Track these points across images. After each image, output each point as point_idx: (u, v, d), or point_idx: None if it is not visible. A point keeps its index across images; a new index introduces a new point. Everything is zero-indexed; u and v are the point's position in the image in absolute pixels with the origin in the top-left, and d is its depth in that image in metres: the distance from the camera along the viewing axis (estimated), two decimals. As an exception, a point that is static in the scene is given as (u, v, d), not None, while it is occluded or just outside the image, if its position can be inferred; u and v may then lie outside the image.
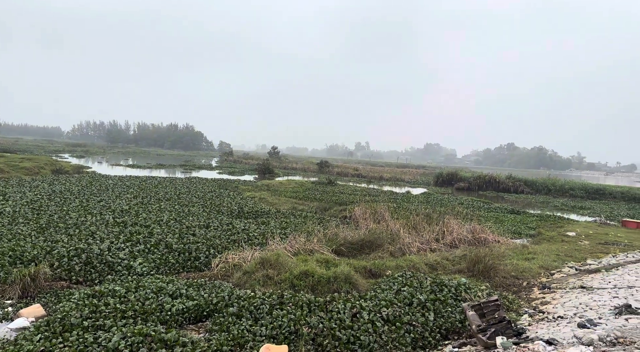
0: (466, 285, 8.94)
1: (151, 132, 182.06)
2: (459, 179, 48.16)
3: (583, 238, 16.57)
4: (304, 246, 11.34)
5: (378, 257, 11.67)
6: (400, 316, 7.26)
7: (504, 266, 11.31)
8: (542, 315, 7.53)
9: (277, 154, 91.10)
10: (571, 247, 14.50)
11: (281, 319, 6.74)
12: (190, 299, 7.60)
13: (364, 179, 53.71)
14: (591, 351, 4.14)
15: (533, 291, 9.68)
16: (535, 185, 45.45)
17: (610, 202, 38.73)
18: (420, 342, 6.91)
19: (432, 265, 11.35)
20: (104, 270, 9.31)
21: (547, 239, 16.71)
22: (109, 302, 7.03)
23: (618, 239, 16.56)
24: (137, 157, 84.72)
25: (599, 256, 13.07)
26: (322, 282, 8.80)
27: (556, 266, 11.86)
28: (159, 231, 12.64)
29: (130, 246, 10.76)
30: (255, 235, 13.17)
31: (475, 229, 14.67)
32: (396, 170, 70.59)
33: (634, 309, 6.65)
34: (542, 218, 23.20)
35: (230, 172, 50.93)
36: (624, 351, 4.60)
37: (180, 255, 10.75)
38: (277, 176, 50.34)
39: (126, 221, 13.84)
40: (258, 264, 9.48)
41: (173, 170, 51.55)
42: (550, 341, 5.61)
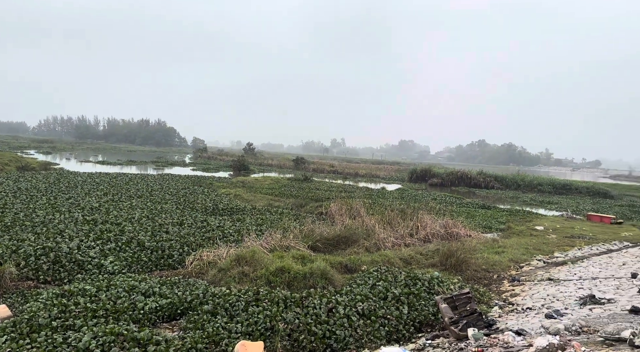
0: (439, 278, 9.12)
1: (121, 128, 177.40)
2: (433, 175, 48.98)
3: (551, 232, 17.14)
4: (280, 242, 11.33)
5: (354, 253, 11.77)
6: (375, 310, 7.35)
7: (475, 259, 11.60)
8: (511, 307, 7.77)
9: (252, 150, 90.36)
10: (539, 241, 14.98)
11: (257, 316, 6.72)
12: (164, 297, 7.48)
13: (339, 176, 53.97)
14: (557, 340, 4.30)
15: (503, 284, 9.96)
16: (505, 180, 46.67)
17: (576, 197, 40.18)
18: (395, 335, 7.03)
19: (407, 259, 11.53)
20: (74, 269, 9.06)
21: (516, 233, 17.20)
22: (79, 301, 6.85)
23: (583, 232, 17.21)
24: (107, 153, 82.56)
25: (565, 249, 13.56)
26: (299, 278, 8.82)
27: (525, 259, 12.24)
28: (130, 228, 12.38)
29: (100, 244, 10.50)
30: (231, 232, 13.06)
31: (448, 224, 14.97)
32: (371, 167, 71.19)
33: (597, 299, 6.94)
34: (511, 213, 23.87)
35: (205, 169, 50.27)
36: (587, 339, 4.80)
37: (153, 253, 10.57)
38: (253, 172, 50.00)
39: (96, 218, 13.49)
40: (233, 261, 9.41)
41: (145, 167, 50.49)
42: (519, 331, 5.79)
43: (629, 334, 4.30)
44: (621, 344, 4.24)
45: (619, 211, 27.55)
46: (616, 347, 4.15)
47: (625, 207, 30.27)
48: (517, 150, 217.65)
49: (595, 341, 4.60)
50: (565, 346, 4.26)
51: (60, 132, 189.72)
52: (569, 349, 4.18)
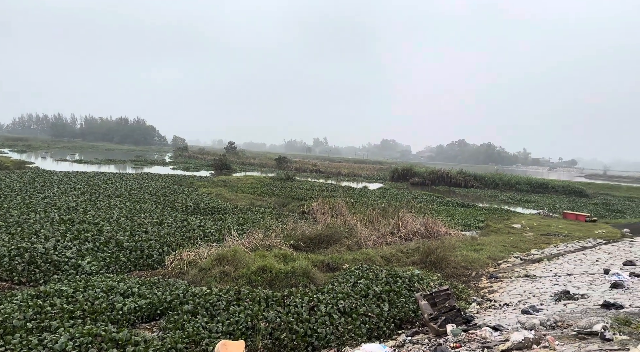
0: (419, 276, 9.24)
1: (99, 126, 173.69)
2: (414, 175, 49.47)
3: (528, 230, 17.52)
4: (262, 241, 11.30)
5: (336, 251, 11.82)
6: (357, 308, 7.40)
7: (454, 257, 11.78)
8: (489, 303, 7.93)
9: (234, 149, 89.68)
10: (517, 239, 15.30)
11: (238, 315, 6.70)
12: (143, 297, 7.39)
13: (322, 175, 54.04)
14: (532, 334, 4.41)
15: (481, 281, 10.15)
16: (484, 180, 47.46)
17: (553, 195, 41.13)
18: (376, 332, 7.10)
19: (388, 257, 11.63)
20: (50, 270, 8.85)
21: (494, 231, 17.53)
22: (55, 302, 6.71)
23: (559, 230, 17.64)
24: (85, 152, 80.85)
25: (542, 247, 13.88)
26: (280, 277, 8.81)
27: (503, 256, 12.49)
28: (108, 228, 12.17)
29: (78, 245, 10.29)
30: (212, 231, 12.96)
31: (428, 222, 15.16)
32: (354, 166, 71.47)
33: (572, 294, 7.14)
34: (490, 211, 24.30)
35: (185, 168, 49.71)
36: (561, 333, 4.93)
37: (132, 253, 10.42)
38: (235, 171, 49.67)
39: (73, 218, 13.20)
40: (214, 260, 9.35)
41: (123, 165, 49.62)
42: (496, 327, 5.92)
43: (600, 327, 4.45)
44: (593, 338, 4.38)
45: (594, 209, 28.32)
46: (588, 341, 4.28)
47: (599, 206, 31.13)
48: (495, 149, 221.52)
49: (569, 335, 4.74)
50: (540, 340, 4.38)
51: (35, 130, 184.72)
52: (544, 343, 4.29)
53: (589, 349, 3.86)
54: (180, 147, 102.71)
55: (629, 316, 4.91)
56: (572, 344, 4.29)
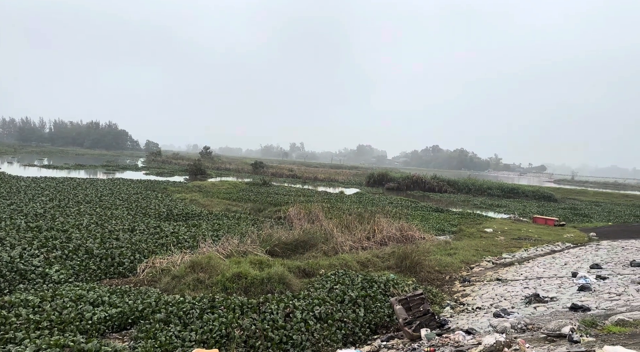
0: (394, 280, 9.31)
1: (69, 130, 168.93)
2: (389, 180, 49.96)
3: (499, 234, 17.91)
4: (237, 247, 11.17)
5: (312, 257, 11.80)
6: (332, 314, 7.40)
7: (428, 261, 11.94)
8: (462, 307, 8.05)
9: (209, 154, 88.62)
10: (489, 243, 15.62)
11: (212, 323, 6.61)
12: (114, 306, 7.20)
13: (298, 180, 53.94)
14: (504, 337, 4.50)
15: (455, 285, 10.30)
16: (457, 185, 48.34)
17: (523, 200, 42.20)
18: (351, 337, 7.11)
19: (364, 262, 11.68)
20: (15, 279, 8.51)
21: (467, 235, 17.84)
22: (20, 313, 6.46)
23: (529, 234, 18.10)
24: (54, 156, 78.39)
25: (513, 250, 14.21)
26: (256, 284, 8.73)
27: (475, 260, 12.72)
28: (78, 235, 11.81)
29: (45, 252, 9.95)
30: (186, 238, 12.74)
31: (403, 227, 15.31)
32: (330, 171, 71.69)
33: (541, 298, 7.32)
34: (463, 216, 24.75)
35: (159, 173, 48.79)
36: (532, 336, 5.05)
37: (102, 261, 10.14)
38: (210, 176, 49.07)
39: (41, 225, 12.75)
40: (188, 267, 9.19)
41: (94, 171, 48.33)
42: (469, 330, 6.02)
43: (568, 330, 4.58)
44: (561, 340, 4.50)
45: (562, 213, 29.20)
46: (557, 343, 4.39)
47: (567, 210, 32.11)
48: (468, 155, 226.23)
49: (539, 337, 4.85)
50: (511, 343, 4.47)
51: (2, 135, 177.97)
52: (515, 346, 4.38)
53: (557, 351, 3.97)
54: (153, 152, 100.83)
55: (595, 318, 5.07)
56: (541, 346, 4.39)
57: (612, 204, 41.47)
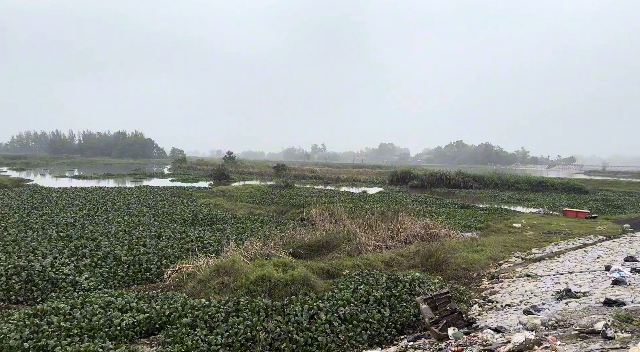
0: (420, 279, 9.16)
1: (98, 141, 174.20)
2: (413, 177, 49.44)
3: (528, 229, 17.44)
4: (261, 250, 11.22)
5: (335, 258, 11.73)
6: (357, 314, 7.33)
7: (455, 259, 11.71)
8: (491, 304, 7.85)
9: (232, 159, 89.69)
10: (517, 238, 15.22)
11: (237, 326, 6.64)
12: (141, 312, 7.32)
13: (321, 181, 53.98)
14: (533, 335, 4.35)
15: (483, 282, 10.07)
16: (483, 180, 47.38)
17: (552, 193, 41.05)
18: (377, 338, 7.02)
19: (388, 262, 11.55)
20: (47, 287, 8.78)
21: (495, 231, 17.46)
22: (52, 320, 6.64)
23: (560, 228, 17.56)
24: (83, 167, 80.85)
25: (542, 245, 13.80)
26: (280, 286, 8.74)
27: (504, 257, 12.41)
28: (106, 243, 12.10)
29: (75, 261, 10.23)
30: (210, 242, 12.89)
31: (428, 224, 15.09)
32: (352, 171, 71.41)
33: (573, 293, 7.07)
34: (490, 211, 24.22)
35: (184, 180, 49.63)
36: (563, 333, 4.87)
37: (130, 267, 10.34)
38: (234, 181, 49.63)
39: (71, 234, 13.14)
40: (213, 271, 9.28)
41: (122, 179, 49.56)
42: (498, 328, 5.86)
43: (602, 326, 4.39)
44: (594, 336, 4.32)
45: (594, 205, 28.25)
46: (590, 340, 4.22)
47: (599, 202, 31.05)
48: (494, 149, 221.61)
49: (570, 334, 4.67)
50: (541, 341, 4.32)
51: (34, 148, 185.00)
52: (545, 344, 4.23)
53: (590, 348, 3.80)
54: (178, 159, 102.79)
55: (631, 313, 4.85)
56: (573, 343, 4.22)
57: (648, 194, 39.90)
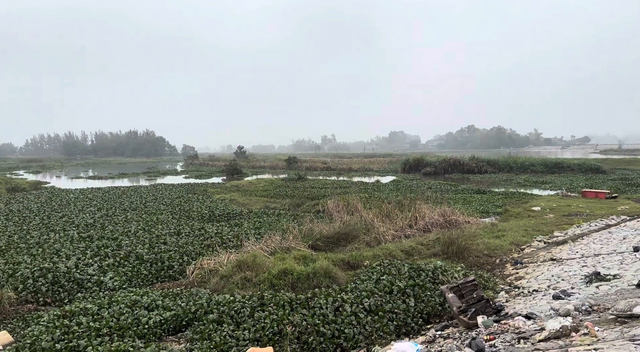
0: (442, 268, 9.07)
1: (110, 141, 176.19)
2: (425, 164, 49.01)
3: (548, 212, 17.18)
4: (280, 244, 11.23)
5: (355, 249, 11.69)
6: (382, 305, 7.29)
7: (476, 245, 11.57)
8: (517, 290, 7.74)
9: (243, 153, 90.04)
10: (538, 222, 15.00)
11: (264, 321, 6.64)
12: (167, 309, 7.38)
13: (333, 172, 53.87)
14: (570, 322, 4.25)
15: (506, 268, 9.94)
16: (498, 164, 46.80)
17: (569, 174, 40.40)
18: (404, 328, 6.98)
19: (408, 251, 11.47)
20: (73, 288, 8.91)
21: (514, 215, 17.23)
22: (81, 321, 6.72)
23: (580, 209, 17.27)
24: (97, 168, 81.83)
25: (564, 228, 13.58)
26: (302, 279, 8.73)
27: (526, 241, 12.24)
28: (127, 242, 12.22)
29: (98, 261, 10.35)
30: (229, 238, 12.94)
31: (446, 212, 14.94)
32: (364, 161, 71.15)
33: (603, 276, 6.92)
34: (507, 196, 23.93)
35: (197, 176, 49.96)
36: (599, 318, 4.76)
37: (153, 265, 10.44)
38: (246, 175, 49.79)
39: (92, 235, 13.30)
40: (235, 267, 9.31)
41: (137, 178, 50.06)
42: (528, 315, 5.76)
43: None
44: (634, 321, 4.20)
45: (613, 185, 27.71)
46: (629, 324, 4.10)
47: (618, 181, 30.46)
48: (506, 132, 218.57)
49: (607, 319, 4.56)
50: (578, 327, 4.22)
51: (48, 150, 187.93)
52: (583, 330, 4.13)
53: (633, 333, 3.70)
54: (190, 156, 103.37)
55: (670, 296, 4.72)
56: (612, 329, 4.12)
57: (668, 171, 39.05)
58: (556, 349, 3.82)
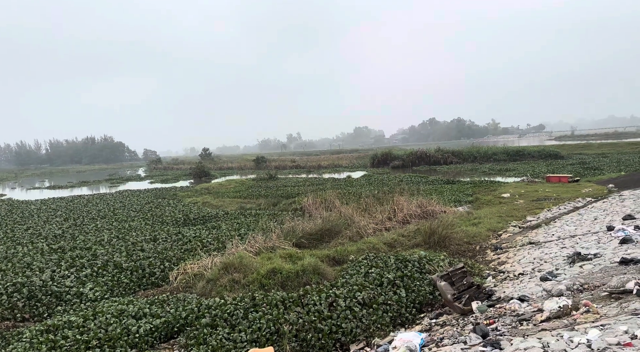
0: (427, 257, 9.24)
1: (66, 148, 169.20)
2: (393, 158, 49.75)
3: (517, 197, 17.81)
4: (265, 243, 11.12)
5: (339, 244, 11.71)
6: (375, 298, 7.34)
7: (455, 234, 11.83)
8: (503, 275, 7.98)
9: (209, 155, 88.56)
10: (510, 208, 15.52)
11: (259, 321, 6.55)
12: (156, 317, 7.16)
13: (303, 170, 53.82)
14: (570, 301, 4.41)
15: (487, 254, 10.23)
16: (462, 154, 48.11)
17: (530, 161, 42.03)
18: (399, 319, 7.05)
19: (390, 243, 11.61)
20: (52, 302, 8.48)
21: (485, 203, 17.75)
22: (67, 334, 6.42)
23: (547, 194, 17.99)
24: (55, 177, 78.39)
25: (536, 212, 14.11)
26: (291, 277, 8.68)
27: (501, 227, 12.64)
28: (103, 251, 11.75)
29: (75, 272, 9.90)
30: (209, 240, 12.68)
31: (423, 203, 15.21)
32: (332, 157, 71.41)
33: (584, 256, 7.23)
34: (475, 184, 24.61)
35: (163, 180, 48.67)
36: (592, 295, 4.97)
37: (133, 273, 10.10)
38: (214, 177, 48.99)
39: (63, 246, 12.71)
40: (221, 269, 9.13)
41: (99, 186, 48.26)
42: (521, 298, 5.94)
43: (633, 285, 4.48)
44: (628, 296, 4.41)
45: (572, 169, 29.01)
46: (625, 299, 4.30)
47: (576, 165, 31.93)
48: (466, 124, 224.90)
49: (601, 296, 4.76)
50: (577, 306, 4.38)
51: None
52: (583, 308, 4.30)
53: (633, 307, 3.88)
54: (153, 160, 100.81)
55: (657, 269, 4.98)
56: (610, 305, 4.30)
57: (619, 154, 41.32)
58: (562, 328, 3.96)
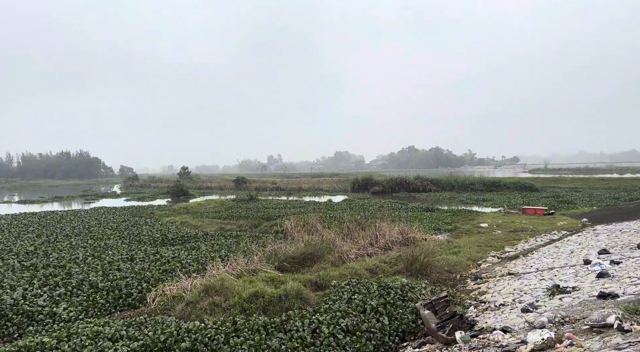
0: (409, 285, 9.27)
1: (39, 162, 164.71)
2: (374, 184, 50.26)
3: (495, 228, 18.15)
4: (247, 266, 10.98)
5: (321, 269, 11.65)
6: (358, 325, 7.31)
7: (436, 262, 11.95)
8: (484, 305, 8.06)
9: (188, 174, 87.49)
10: (488, 238, 15.78)
11: (241, 347, 6.46)
12: (134, 339, 6.93)
13: (283, 192, 53.71)
14: (553, 334, 4.51)
15: (467, 283, 10.34)
16: (441, 183, 49.01)
17: (506, 192, 43.00)
18: (382, 347, 7.03)
19: (372, 269, 11.62)
20: (23, 322, 8.13)
21: (464, 232, 18.02)
22: (39, 358, 6.16)
23: (524, 225, 18.40)
24: (26, 191, 76.08)
25: (513, 243, 14.39)
26: (274, 302, 8.57)
27: (481, 257, 12.82)
28: (77, 270, 11.38)
29: (48, 291, 9.56)
30: (189, 261, 12.46)
31: (404, 229, 15.35)
32: (313, 181, 71.58)
33: (562, 288, 7.40)
34: (454, 213, 25.00)
35: (140, 198, 47.80)
36: (573, 329, 5.08)
37: (109, 293, 9.80)
38: (193, 196, 48.35)
39: (36, 263, 12.26)
40: (202, 292, 8.95)
41: (72, 202, 46.98)
42: (504, 329, 6.02)
43: (614, 319, 4.61)
44: (609, 330, 4.53)
45: (546, 202, 29.82)
46: (606, 334, 4.42)
47: (550, 198, 32.83)
48: (443, 153, 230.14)
49: (582, 329, 4.88)
50: (561, 339, 4.48)
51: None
52: (567, 341, 4.40)
53: (615, 342, 3.99)
54: (130, 177, 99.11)
55: (637, 304, 5.14)
56: (591, 338, 4.41)
57: (591, 189, 42.70)
58: (547, 360, 4.04)
